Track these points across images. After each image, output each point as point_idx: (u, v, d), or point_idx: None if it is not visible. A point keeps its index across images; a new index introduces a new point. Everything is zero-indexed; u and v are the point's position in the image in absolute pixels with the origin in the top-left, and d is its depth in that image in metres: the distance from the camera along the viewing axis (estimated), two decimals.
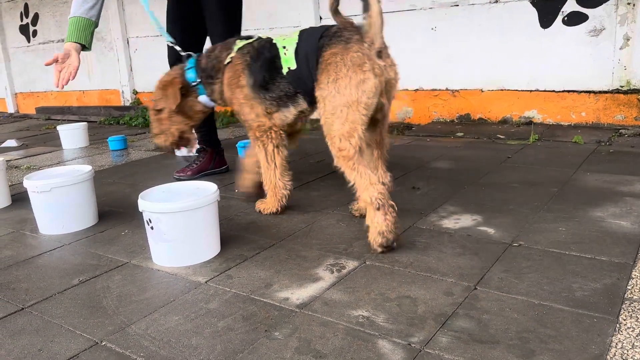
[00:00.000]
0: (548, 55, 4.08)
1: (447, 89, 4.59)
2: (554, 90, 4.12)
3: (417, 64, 4.67)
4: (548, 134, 3.85)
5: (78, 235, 2.35)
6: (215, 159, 3.31)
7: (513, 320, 1.46)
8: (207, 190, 2.05)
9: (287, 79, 2.16)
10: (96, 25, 2.54)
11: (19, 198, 3.01)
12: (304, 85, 2.13)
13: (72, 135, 4.67)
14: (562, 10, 3.95)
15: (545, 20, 4.03)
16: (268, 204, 2.46)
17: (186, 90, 2.41)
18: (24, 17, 7.80)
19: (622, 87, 3.86)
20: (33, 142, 5.24)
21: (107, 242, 2.24)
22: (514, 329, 1.42)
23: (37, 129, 6.19)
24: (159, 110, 2.44)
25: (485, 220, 2.23)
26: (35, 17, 7.64)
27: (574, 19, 3.93)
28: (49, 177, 2.40)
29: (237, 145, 3.80)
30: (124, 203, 2.77)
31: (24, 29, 7.86)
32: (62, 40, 7.20)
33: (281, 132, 2.34)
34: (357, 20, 2.07)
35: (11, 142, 5.15)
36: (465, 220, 2.24)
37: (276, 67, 2.16)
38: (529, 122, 4.23)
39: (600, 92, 3.94)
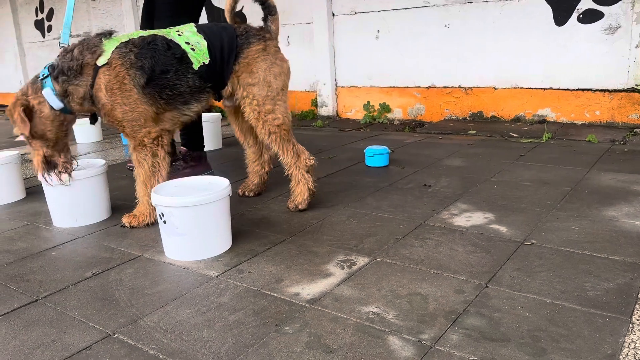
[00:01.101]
0: (562, 53, 4.04)
1: (459, 87, 4.57)
2: (568, 89, 4.08)
3: (430, 61, 4.66)
4: (561, 133, 3.81)
5: (91, 228, 2.38)
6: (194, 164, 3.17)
7: (524, 318, 1.45)
8: (219, 185, 2.06)
9: (198, 74, 2.23)
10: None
11: (33, 191, 3.04)
12: (216, 78, 2.29)
13: (86, 129, 4.71)
14: (577, 7, 3.91)
15: (560, 18, 4.00)
16: (141, 217, 2.34)
17: (30, 109, 2.16)
18: (39, 12, 7.88)
19: (637, 85, 3.81)
20: None
21: (119, 236, 2.26)
22: (525, 327, 1.41)
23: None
24: (25, 137, 2.23)
25: (497, 218, 2.22)
26: (50, 13, 7.72)
27: (590, 17, 3.89)
28: None
29: None
30: (132, 197, 2.79)
31: (39, 24, 7.94)
32: (78, 35, 7.27)
33: (169, 137, 2.31)
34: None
35: None
36: (477, 218, 2.23)
37: (184, 63, 2.20)
38: (543, 121, 4.20)
39: (615, 90, 3.90)
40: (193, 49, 2.23)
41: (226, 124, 5.26)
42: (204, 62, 2.24)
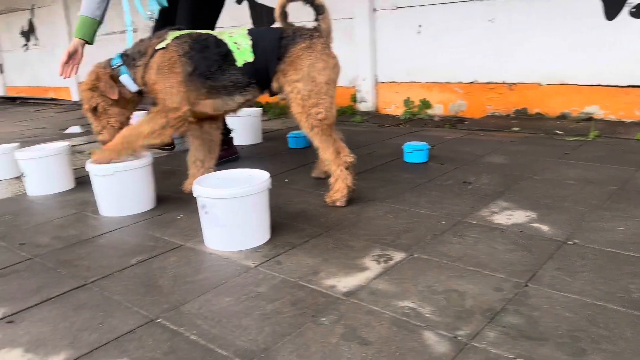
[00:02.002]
0: (612, 48, 3.90)
1: (503, 82, 4.48)
2: (617, 85, 3.94)
3: (473, 57, 4.58)
4: (609, 131, 3.69)
5: (137, 217, 2.46)
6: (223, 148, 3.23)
7: (564, 318, 1.43)
8: (259, 178, 2.10)
9: (241, 70, 2.42)
10: (100, 23, 2.87)
11: (82, 181, 3.17)
12: (259, 75, 2.45)
13: (132, 122, 4.86)
14: (628, 1, 3.77)
15: (611, 12, 3.86)
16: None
17: (114, 79, 2.47)
18: None
19: None
20: None
21: (163, 225, 2.34)
22: (564, 327, 1.39)
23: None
24: (94, 109, 2.50)
25: (539, 217, 2.18)
26: None
27: None
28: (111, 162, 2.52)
29: (287, 136, 3.86)
30: (180, 189, 2.87)
31: None
32: (124, 32, 7.50)
33: (192, 125, 2.54)
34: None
35: (75, 129, 5.42)
36: (518, 217, 2.19)
37: (227, 60, 2.40)
38: (589, 118, 4.07)
39: None
40: (238, 48, 2.42)
41: (266, 119, 5.33)
42: (247, 60, 2.41)
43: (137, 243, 2.15)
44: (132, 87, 2.48)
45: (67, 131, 5.40)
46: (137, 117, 3.42)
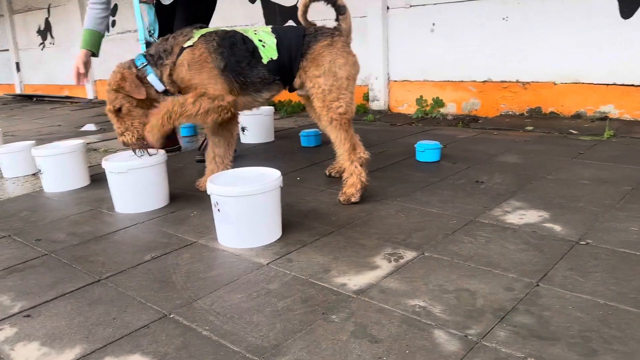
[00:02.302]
0: (628, 47, 3.86)
1: (517, 81, 4.45)
2: (633, 84, 3.90)
3: (486, 55, 4.56)
4: (624, 130, 3.65)
5: (151, 214, 2.49)
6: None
7: (576, 318, 1.42)
8: (271, 176, 2.12)
9: (266, 67, 2.47)
10: (103, 35, 3.00)
11: (97, 178, 3.21)
12: (283, 72, 2.51)
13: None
14: None
15: (626, 10, 3.81)
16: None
17: (140, 79, 2.46)
18: None
19: None
20: (110, 126, 5.53)
21: (177, 222, 2.36)
22: (576, 327, 1.38)
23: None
24: (118, 110, 2.46)
25: (552, 217, 2.17)
26: (115, 8, 8.05)
27: None
28: (125, 160, 2.55)
29: (300, 135, 3.87)
30: (193, 186, 2.90)
31: None
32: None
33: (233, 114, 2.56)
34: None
35: (90, 127, 5.48)
36: (530, 216, 2.18)
37: (255, 56, 2.46)
38: (604, 118, 4.03)
39: None
40: (264, 46, 2.48)
41: (278, 117, 5.35)
42: (272, 58, 2.47)
43: (151, 240, 2.18)
44: (159, 86, 2.47)
45: (83, 129, 5.47)
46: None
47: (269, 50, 2.47)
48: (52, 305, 1.68)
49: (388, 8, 5.08)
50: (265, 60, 2.47)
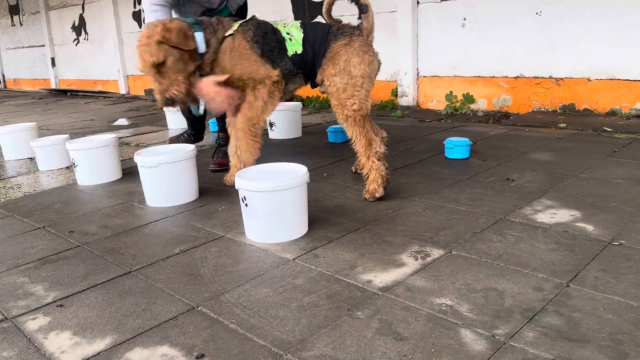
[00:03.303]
0: None
1: (550, 77, 4.35)
2: None
3: (519, 50, 4.47)
4: None
5: (180, 208, 2.53)
6: None
7: (607, 320, 1.39)
8: (298, 172, 2.12)
9: (291, 60, 2.55)
10: None
11: (129, 172, 3.28)
12: (305, 67, 2.58)
13: (177, 116, 4.97)
14: None
15: None
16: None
17: (184, 31, 2.40)
18: (136, 4, 8.38)
19: None
20: (142, 121, 5.65)
21: (205, 216, 2.40)
22: (607, 329, 1.35)
23: (145, 110, 6.66)
24: (161, 64, 2.36)
25: (584, 216, 2.12)
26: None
27: None
28: (157, 154, 2.59)
29: (327, 130, 3.87)
30: (220, 181, 2.93)
31: (136, 16, 8.45)
32: None
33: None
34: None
35: (122, 121, 5.59)
36: (562, 215, 2.14)
37: (282, 48, 2.54)
38: None
39: None
40: (290, 39, 2.56)
41: (306, 113, 5.36)
42: (296, 52, 2.55)
43: (180, 233, 2.22)
44: (202, 47, 2.47)
45: (115, 123, 5.58)
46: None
47: (294, 43, 2.55)
48: (84, 296, 1.72)
49: (418, 3, 5.02)
50: (290, 53, 2.55)
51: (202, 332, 1.46)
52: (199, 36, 2.47)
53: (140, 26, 8.39)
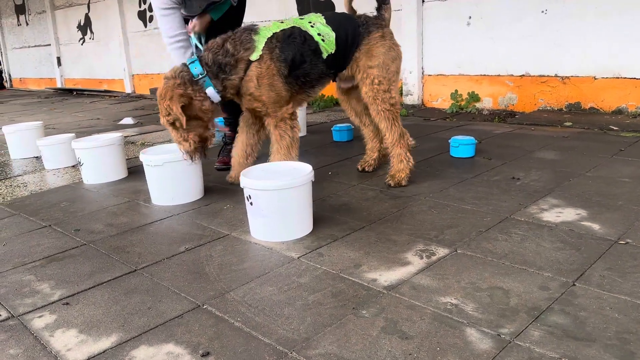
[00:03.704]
0: None
1: (556, 76, 4.33)
2: None
3: (524, 49, 4.45)
4: None
5: (185, 207, 2.54)
6: None
7: (613, 319, 1.38)
8: (302, 170, 2.13)
9: (325, 62, 2.49)
10: None
11: (134, 171, 3.29)
12: (337, 64, 2.54)
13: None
14: None
15: None
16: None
17: (189, 97, 2.38)
18: (141, 3, 8.39)
19: None
20: (147, 120, 5.66)
21: (211, 215, 2.40)
22: (613, 328, 1.35)
23: (150, 109, 6.68)
24: (172, 123, 2.40)
25: (590, 215, 2.11)
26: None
27: None
28: (162, 153, 2.60)
29: (332, 129, 3.87)
30: (226, 179, 2.94)
31: (141, 15, 8.47)
32: None
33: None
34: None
35: (128, 120, 5.61)
36: (568, 214, 2.13)
37: (317, 55, 2.46)
38: None
39: None
40: (323, 40, 2.47)
41: (311, 112, 5.36)
42: (331, 52, 2.48)
43: (185, 231, 2.22)
44: (216, 98, 2.44)
45: (121, 122, 5.60)
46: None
47: (328, 44, 2.48)
48: (90, 294, 1.73)
49: (423, 1, 5.01)
50: (324, 55, 2.48)
51: (207, 330, 1.47)
52: (210, 91, 2.41)
53: (145, 25, 8.41)
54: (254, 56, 2.37)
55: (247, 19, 3.08)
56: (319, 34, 2.46)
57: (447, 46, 4.96)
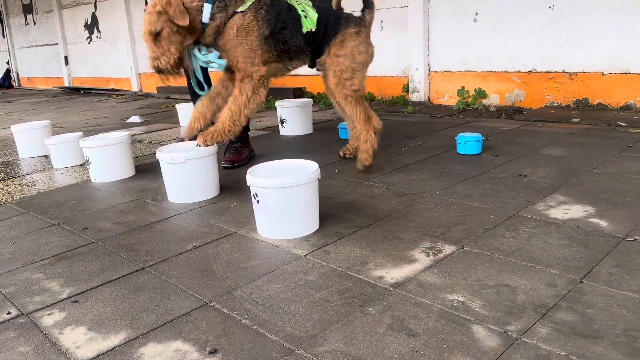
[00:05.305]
0: None
1: (563, 72, 4.31)
2: None
3: (531, 45, 4.43)
4: None
5: (192, 205, 2.55)
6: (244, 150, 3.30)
7: (621, 317, 1.38)
8: (309, 168, 2.13)
9: (304, 37, 2.67)
10: None
11: (142, 169, 3.30)
12: (315, 44, 2.72)
13: (190, 113, 4.99)
14: None
15: None
16: (215, 134, 2.59)
17: (187, 9, 2.46)
18: (148, 1, 8.41)
19: None
20: (154, 119, 5.68)
21: (217, 213, 2.41)
22: (621, 325, 1.34)
23: (157, 107, 6.70)
24: (158, 33, 2.46)
25: (597, 212, 2.10)
26: None
27: None
28: (179, 151, 2.59)
29: (338, 127, 3.87)
30: (233, 177, 2.95)
31: None
32: None
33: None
34: None
35: (135, 119, 5.63)
36: (575, 211, 2.12)
37: (297, 25, 2.64)
38: None
39: None
40: (305, 17, 2.69)
41: (317, 110, 5.36)
42: (311, 29, 2.69)
43: (192, 229, 2.23)
44: (206, 17, 2.51)
45: (128, 121, 5.63)
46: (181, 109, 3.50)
47: (309, 22, 2.68)
48: (99, 292, 1.74)
49: None
50: (304, 30, 2.67)
51: (215, 328, 1.47)
52: (207, 7, 2.50)
53: None
54: (240, 8, 2.55)
55: None
56: (302, 10, 2.69)
57: (453, 43, 4.94)
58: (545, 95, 4.45)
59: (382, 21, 5.37)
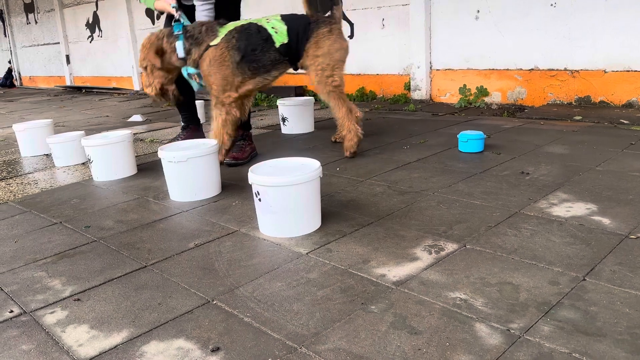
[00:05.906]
0: None
1: (565, 69, 4.30)
2: None
3: (533, 42, 4.42)
4: None
5: (194, 203, 2.55)
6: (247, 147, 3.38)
7: (624, 314, 1.38)
8: (310, 166, 2.13)
9: (278, 50, 2.94)
10: None
11: (143, 168, 3.31)
12: (291, 52, 2.98)
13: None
14: None
15: None
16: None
17: (163, 49, 2.92)
18: None
19: None
20: (156, 117, 5.69)
21: (219, 211, 2.41)
22: (624, 323, 1.34)
23: (159, 106, 6.70)
24: (145, 67, 2.98)
25: (600, 209, 2.09)
26: None
27: None
28: (181, 150, 2.59)
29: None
30: (234, 176, 2.95)
31: (149, 12, 8.49)
32: None
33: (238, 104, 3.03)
34: None
35: (137, 117, 5.63)
36: (578, 209, 2.12)
37: (268, 43, 2.91)
38: None
39: None
40: (276, 32, 2.93)
41: (318, 108, 5.35)
42: (283, 42, 2.94)
43: (194, 228, 2.23)
44: (181, 53, 2.91)
45: (130, 120, 5.63)
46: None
47: (280, 35, 2.93)
48: (101, 290, 1.75)
49: None
50: (277, 44, 2.92)
51: (217, 326, 1.47)
52: (179, 45, 2.90)
53: (153, 22, 8.43)
54: (214, 42, 2.87)
55: (254, 15, 3.09)
56: (272, 27, 2.93)
57: (455, 40, 4.93)
58: (548, 93, 4.44)
59: (383, 19, 5.36)
